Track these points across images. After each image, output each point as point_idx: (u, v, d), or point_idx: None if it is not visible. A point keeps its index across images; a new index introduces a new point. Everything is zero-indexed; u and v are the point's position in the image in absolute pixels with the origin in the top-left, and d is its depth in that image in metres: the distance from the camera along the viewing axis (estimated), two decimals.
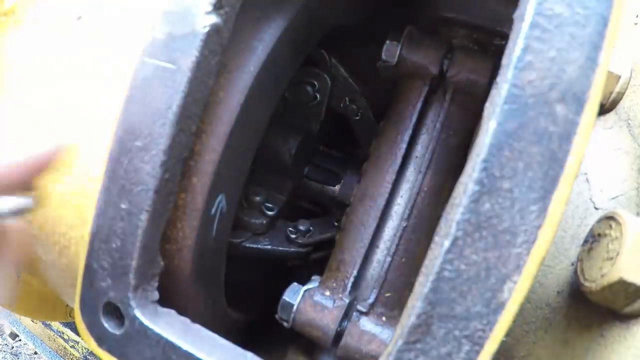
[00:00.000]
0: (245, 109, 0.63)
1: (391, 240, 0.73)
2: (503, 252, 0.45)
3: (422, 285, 0.48)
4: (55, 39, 0.68)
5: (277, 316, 0.73)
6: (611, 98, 0.82)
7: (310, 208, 1.01)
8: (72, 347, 1.75)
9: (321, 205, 0.99)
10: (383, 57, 0.77)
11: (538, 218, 0.45)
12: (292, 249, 0.93)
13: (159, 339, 0.55)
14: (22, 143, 0.69)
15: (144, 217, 0.55)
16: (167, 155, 0.55)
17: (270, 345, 0.81)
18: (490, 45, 0.79)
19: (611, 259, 0.61)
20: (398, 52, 0.76)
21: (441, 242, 0.47)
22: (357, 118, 0.92)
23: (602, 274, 0.63)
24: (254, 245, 0.91)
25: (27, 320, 1.84)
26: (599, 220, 0.68)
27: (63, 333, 1.75)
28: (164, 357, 0.55)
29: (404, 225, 0.73)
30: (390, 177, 0.75)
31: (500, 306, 0.45)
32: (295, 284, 0.74)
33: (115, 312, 0.58)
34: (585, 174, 0.78)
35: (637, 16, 0.87)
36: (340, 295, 0.72)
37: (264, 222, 0.88)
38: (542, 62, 0.45)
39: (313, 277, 0.77)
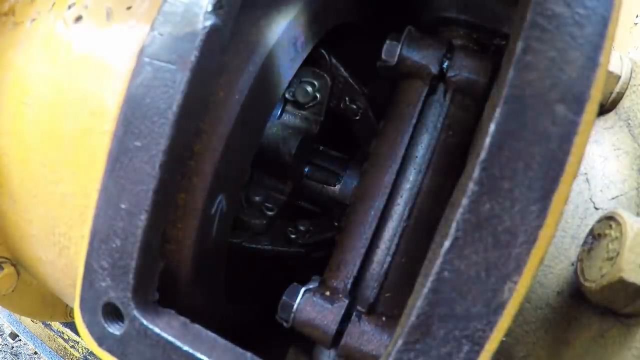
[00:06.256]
0: (245, 109, 0.63)
1: (391, 240, 0.73)
2: (503, 252, 0.45)
3: (422, 285, 0.48)
4: (55, 39, 0.68)
5: (277, 316, 0.73)
6: (611, 98, 0.82)
7: (310, 208, 1.01)
8: (72, 347, 1.75)
9: (321, 205, 0.99)
10: (383, 57, 0.77)
11: (538, 218, 0.45)
12: (292, 249, 0.93)
13: (159, 339, 0.55)
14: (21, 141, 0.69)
15: (144, 217, 0.55)
16: (167, 155, 0.55)
17: (270, 345, 0.81)
18: (490, 45, 0.79)
19: (611, 259, 0.62)
20: (398, 52, 0.76)
21: (441, 242, 0.47)
22: (357, 118, 0.92)
23: (602, 274, 0.63)
24: (254, 245, 0.91)
25: (27, 320, 1.84)
26: (599, 220, 0.68)
27: (63, 333, 1.75)
28: (164, 357, 0.55)
29: (404, 225, 0.73)
30: (390, 177, 0.74)
31: (500, 306, 0.45)
32: (295, 284, 0.73)
33: (115, 312, 0.58)
34: (585, 174, 0.78)
35: (637, 16, 0.88)
36: (341, 295, 0.71)
37: (264, 222, 0.88)
38: (542, 62, 0.45)
39: (313, 277, 0.77)
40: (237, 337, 0.61)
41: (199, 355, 0.54)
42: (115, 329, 0.57)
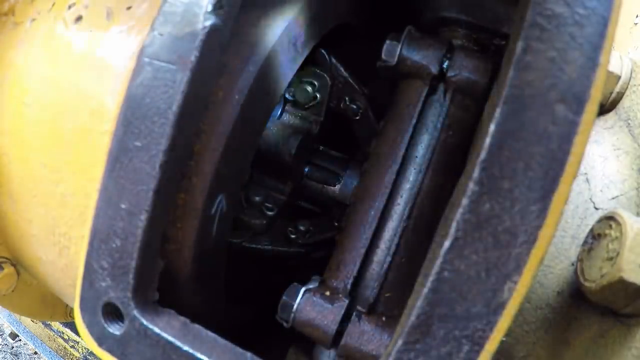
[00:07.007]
0: (245, 109, 0.63)
1: (391, 240, 0.73)
2: (503, 252, 0.45)
3: (422, 285, 0.48)
4: (55, 39, 0.68)
5: (277, 316, 0.73)
6: (611, 98, 0.82)
7: (310, 208, 1.01)
8: (72, 347, 1.75)
9: (321, 205, 0.99)
10: (383, 57, 0.77)
11: (538, 218, 0.45)
12: (292, 249, 0.93)
13: (159, 339, 0.55)
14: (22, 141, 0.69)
15: (144, 217, 0.55)
16: (167, 155, 0.55)
17: (270, 345, 0.81)
18: (490, 45, 0.79)
19: (611, 259, 0.62)
20: (398, 52, 0.76)
21: (441, 242, 0.47)
22: (357, 118, 0.92)
23: (602, 274, 0.63)
24: (254, 245, 0.91)
25: (27, 320, 1.84)
26: (599, 220, 0.68)
27: (63, 333, 1.75)
28: (164, 357, 0.55)
29: (404, 225, 0.73)
30: (390, 177, 0.74)
31: (500, 306, 0.45)
32: (295, 284, 0.73)
33: (115, 312, 0.58)
34: (585, 174, 0.78)
35: (637, 16, 0.88)
36: (341, 295, 0.71)
37: (264, 222, 0.88)
38: (541, 62, 0.45)
39: (313, 277, 0.77)
40: (237, 337, 0.61)
41: (199, 355, 0.54)
42: (115, 329, 0.57)
